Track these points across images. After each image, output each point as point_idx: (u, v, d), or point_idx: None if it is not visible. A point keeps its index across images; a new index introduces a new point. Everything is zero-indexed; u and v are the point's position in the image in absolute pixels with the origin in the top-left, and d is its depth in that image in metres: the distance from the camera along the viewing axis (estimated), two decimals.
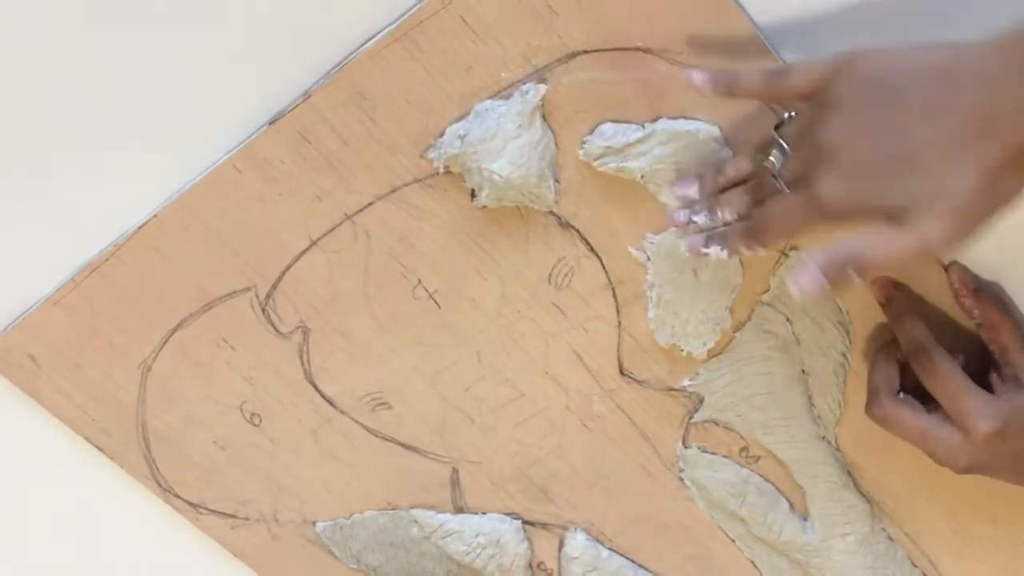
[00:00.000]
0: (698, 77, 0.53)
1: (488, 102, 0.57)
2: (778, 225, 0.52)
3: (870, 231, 0.48)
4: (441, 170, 0.58)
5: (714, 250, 0.55)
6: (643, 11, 0.55)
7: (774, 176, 0.52)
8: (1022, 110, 0.45)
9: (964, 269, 0.59)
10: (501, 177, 0.56)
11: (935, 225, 0.47)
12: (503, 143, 0.56)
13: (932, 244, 0.47)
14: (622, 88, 0.57)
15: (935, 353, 0.58)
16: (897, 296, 0.60)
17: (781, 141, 0.52)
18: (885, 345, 0.61)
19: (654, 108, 0.57)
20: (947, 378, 0.57)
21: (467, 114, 0.57)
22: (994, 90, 0.45)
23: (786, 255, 0.61)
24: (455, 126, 0.57)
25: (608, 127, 0.58)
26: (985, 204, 0.47)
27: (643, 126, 0.57)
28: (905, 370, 0.60)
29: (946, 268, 0.60)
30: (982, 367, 0.59)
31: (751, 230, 0.54)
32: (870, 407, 0.61)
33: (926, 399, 0.59)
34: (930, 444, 0.59)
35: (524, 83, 0.56)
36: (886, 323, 0.63)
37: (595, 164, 0.58)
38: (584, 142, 0.58)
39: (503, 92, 0.57)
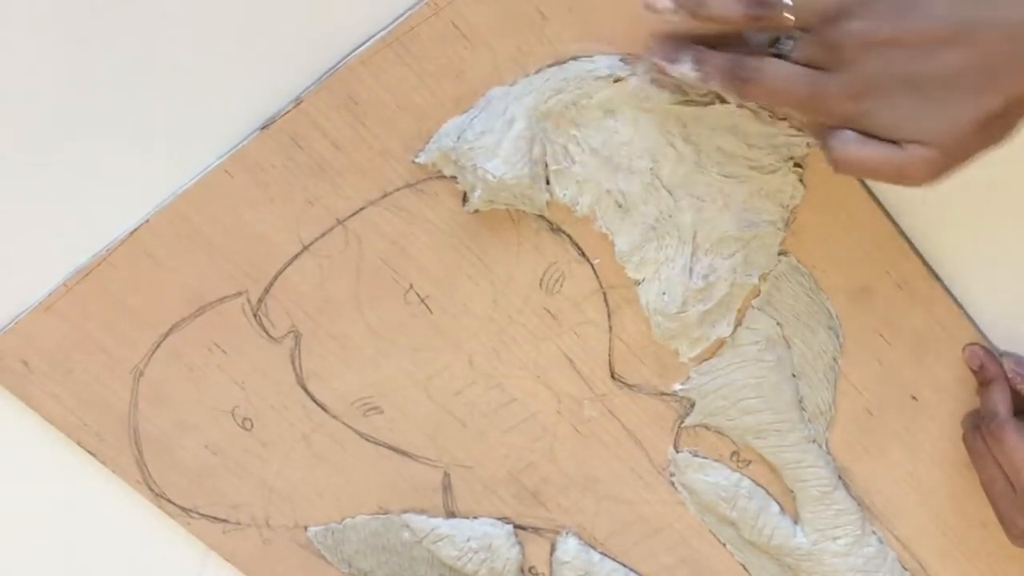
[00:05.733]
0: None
1: (500, 88, 0.57)
2: (770, 86, 0.50)
3: (866, 137, 0.49)
4: (430, 165, 0.58)
5: (684, 67, 0.52)
6: (633, 16, 0.55)
7: (778, 49, 0.51)
8: None
9: (1019, 358, 0.63)
10: (495, 177, 0.56)
11: (920, 154, 0.48)
12: (499, 137, 0.56)
13: (911, 170, 0.48)
14: None
15: (1008, 423, 0.61)
16: (989, 365, 0.63)
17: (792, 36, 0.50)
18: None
19: None
20: (1013, 450, 0.60)
21: (469, 109, 0.57)
22: (1011, 44, 0.46)
23: (784, 255, 0.61)
24: (456, 119, 0.57)
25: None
26: (970, 147, 0.48)
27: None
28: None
29: (1000, 356, 0.63)
30: None
31: (738, 71, 0.51)
32: (990, 425, 0.62)
33: None
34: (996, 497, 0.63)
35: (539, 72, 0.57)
36: (875, 328, 0.63)
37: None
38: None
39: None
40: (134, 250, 0.59)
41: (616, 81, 0.56)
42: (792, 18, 0.49)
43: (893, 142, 0.49)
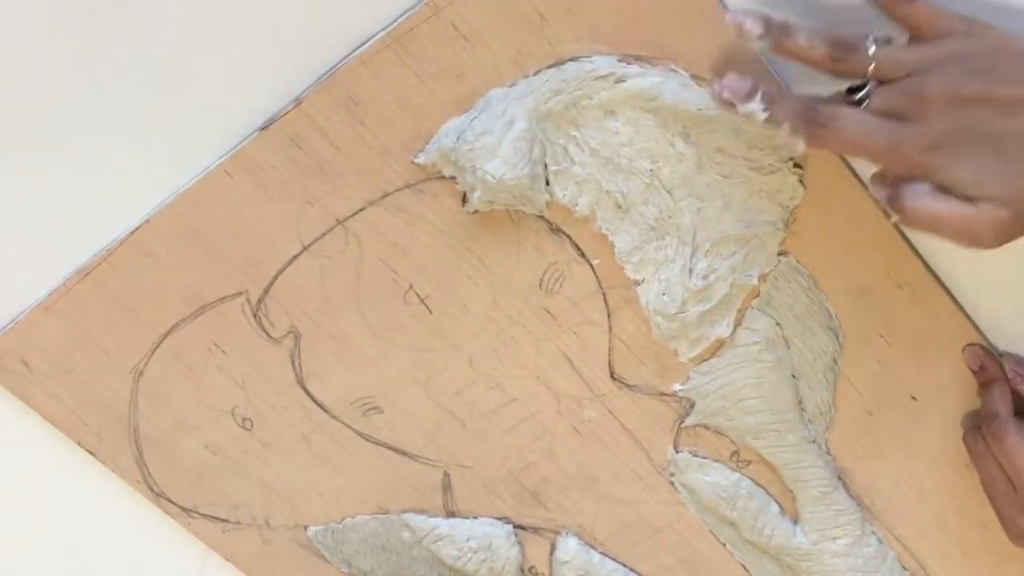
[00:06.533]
0: (747, 21, 0.49)
1: (500, 89, 0.57)
2: (848, 134, 0.49)
3: (939, 191, 0.49)
4: (430, 165, 0.58)
5: (754, 106, 0.50)
6: (633, 17, 0.55)
7: (855, 94, 0.50)
8: None
9: (1019, 359, 0.63)
10: (494, 178, 0.56)
11: (992, 214, 0.48)
12: (499, 138, 0.56)
13: (980, 229, 0.48)
14: None
15: (1009, 424, 0.60)
16: (989, 366, 0.63)
17: (870, 80, 0.50)
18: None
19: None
20: (1014, 450, 0.60)
21: (468, 109, 0.57)
22: None
23: (783, 255, 0.61)
24: (456, 120, 0.57)
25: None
26: None
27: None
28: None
29: (1000, 357, 0.63)
30: None
31: (812, 115, 0.50)
32: (991, 425, 0.62)
33: None
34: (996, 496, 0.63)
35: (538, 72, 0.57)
36: (874, 328, 0.63)
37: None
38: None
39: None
40: (134, 250, 0.59)
41: (617, 82, 0.56)
42: (873, 66, 0.49)
43: (966, 200, 0.48)
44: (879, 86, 0.50)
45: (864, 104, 0.50)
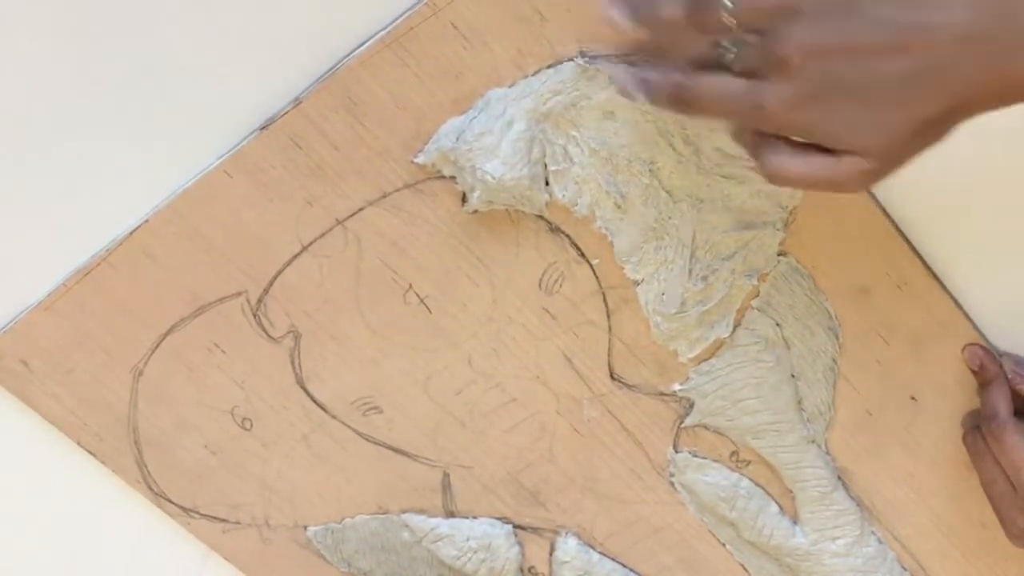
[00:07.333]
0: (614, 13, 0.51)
1: (499, 90, 0.57)
2: (708, 103, 0.50)
3: (798, 150, 0.48)
4: (429, 165, 0.58)
5: (640, 98, 0.52)
6: None
7: (723, 59, 0.50)
8: (978, 77, 0.45)
9: (1018, 359, 0.63)
10: (494, 178, 0.56)
11: (856, 166, 0.47)
12: (499, 138, 0.56)
13: (845, 181, 0.48)
14: None
15: (1008, 423, 0.61)
16: (989, 366, 0.63)
17: (731, 41, 0.49)
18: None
19: None
20: (1013, 449, 0.60)
21: (468, 109, 0.57)
22: (960, 46, 0.45)
23: (783, 256, 0.61)
24: (455, 120, 0.57)
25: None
26: (905, 153, 0.47)
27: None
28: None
29: (1000, 357, 0.64)
30: None
31: (680, 94, 0.51)
32: (991, 425, 0.62)
33: None
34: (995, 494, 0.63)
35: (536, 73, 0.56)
36: (874, 328, 0.63)
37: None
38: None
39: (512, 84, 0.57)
40: (134, 250, 0.59)
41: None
42: (733, 20, 0.48)
43: (828, 150, 0.48)
44: (744, 37, 0.48)
45: (728, 61, 0.49)
